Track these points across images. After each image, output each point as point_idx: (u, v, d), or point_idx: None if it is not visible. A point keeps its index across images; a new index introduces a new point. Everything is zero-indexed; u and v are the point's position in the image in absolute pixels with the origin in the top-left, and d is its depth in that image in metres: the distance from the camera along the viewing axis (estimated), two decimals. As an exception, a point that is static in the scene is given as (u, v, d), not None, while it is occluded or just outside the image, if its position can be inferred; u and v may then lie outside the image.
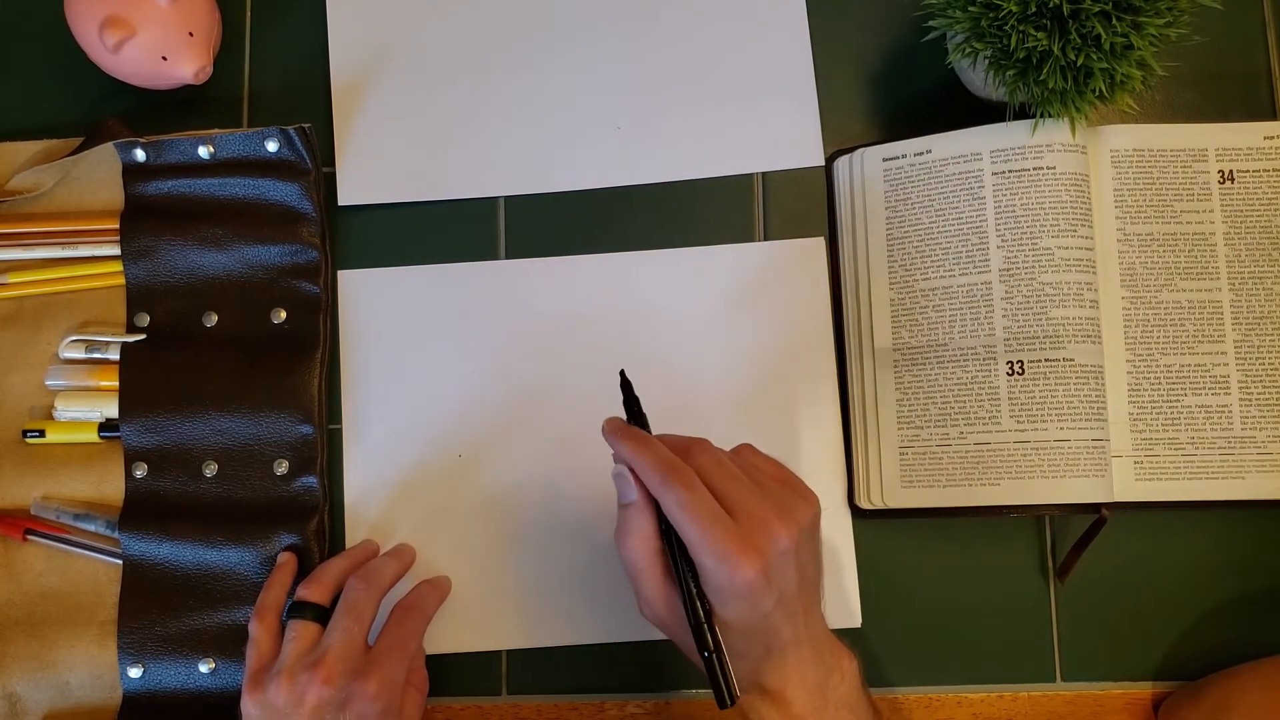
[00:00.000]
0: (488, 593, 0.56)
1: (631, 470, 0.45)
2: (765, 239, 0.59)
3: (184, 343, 0.57)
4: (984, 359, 0.54)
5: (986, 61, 0.52)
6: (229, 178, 0.57)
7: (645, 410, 0.48)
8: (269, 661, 0.49)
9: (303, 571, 0.54)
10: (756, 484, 0.45)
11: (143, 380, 0.56)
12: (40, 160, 0.58)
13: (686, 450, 0.45)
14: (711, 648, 0.42)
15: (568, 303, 0.58)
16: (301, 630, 0.49)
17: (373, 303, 0.58)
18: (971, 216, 0.55)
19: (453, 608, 0.56)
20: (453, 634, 0.56)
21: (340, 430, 0.57)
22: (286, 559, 0.54)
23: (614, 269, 0.58)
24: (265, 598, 0.52)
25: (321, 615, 0.50)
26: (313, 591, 0.51)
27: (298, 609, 0.50)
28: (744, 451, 0.48)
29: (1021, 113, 0.54)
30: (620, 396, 0.48)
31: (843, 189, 0.58)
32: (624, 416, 0.47)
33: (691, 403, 0.57)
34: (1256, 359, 0.55)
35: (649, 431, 0.47)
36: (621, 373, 0.48)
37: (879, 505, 0.55)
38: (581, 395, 0.57)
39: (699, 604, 0.43)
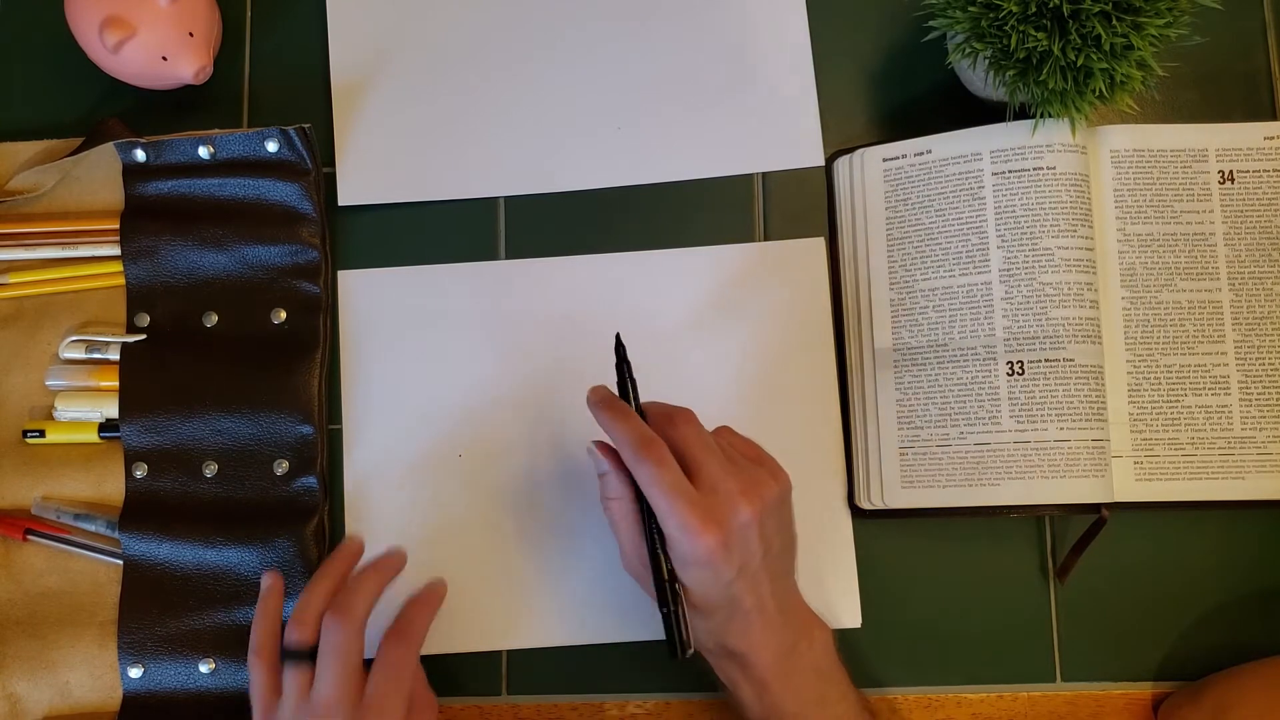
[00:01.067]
0: (488, 593, 0.56)
1: (605, 446, 0.49)
2: (765, 239, 0.59)
3: (184, 343, 0.57)
4: (984, 359, 0.54)
5: (986, 62, 0.52)
6: (229, 178, 0.57)
7: (637, 377, 0.50)
8: (273, 708, 0.48)
9: (299, 577, 0.54)
10: (729, 459, 0.47)
11: (143, 380, 0.56)
12: (40, 160, 0.58)
13: (670, 418, 0.48)
14: (670, 605, 0.46)
15: (568, 303, 0.58)
16: (297, 679, 0.48)
17: (373, 303, 0.58)
18: (971, 217, 0.55)
19: (453, 608, 0.55)
20: (453, 634, 0.56)
21: (340, 430, 0.57)
22: (270, 585, 0.51)
23: (614, 269, 0.58)
24: (258, 633, 0.50)
25: (314, 655, 0.48)
26: (300, 634, 0.49)
27: (289, 655, 0.48)
28: (722, 432, 0.50)
29: (1021, 113, 0.54)
30: (613, 360, 0.50)
31: (843, 189, 0.58)
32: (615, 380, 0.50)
33: (691, 403, 0.56)
34: (1256, 359, 0.55)
35: (637, 396, 0.49)
36: (617, 336, 0.50)
37: (879, 505, 0.55)
38: (582, 395, 0.57)
39: (662, 564, 0.46)
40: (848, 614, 0.56)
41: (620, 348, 0.50)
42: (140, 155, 0.58)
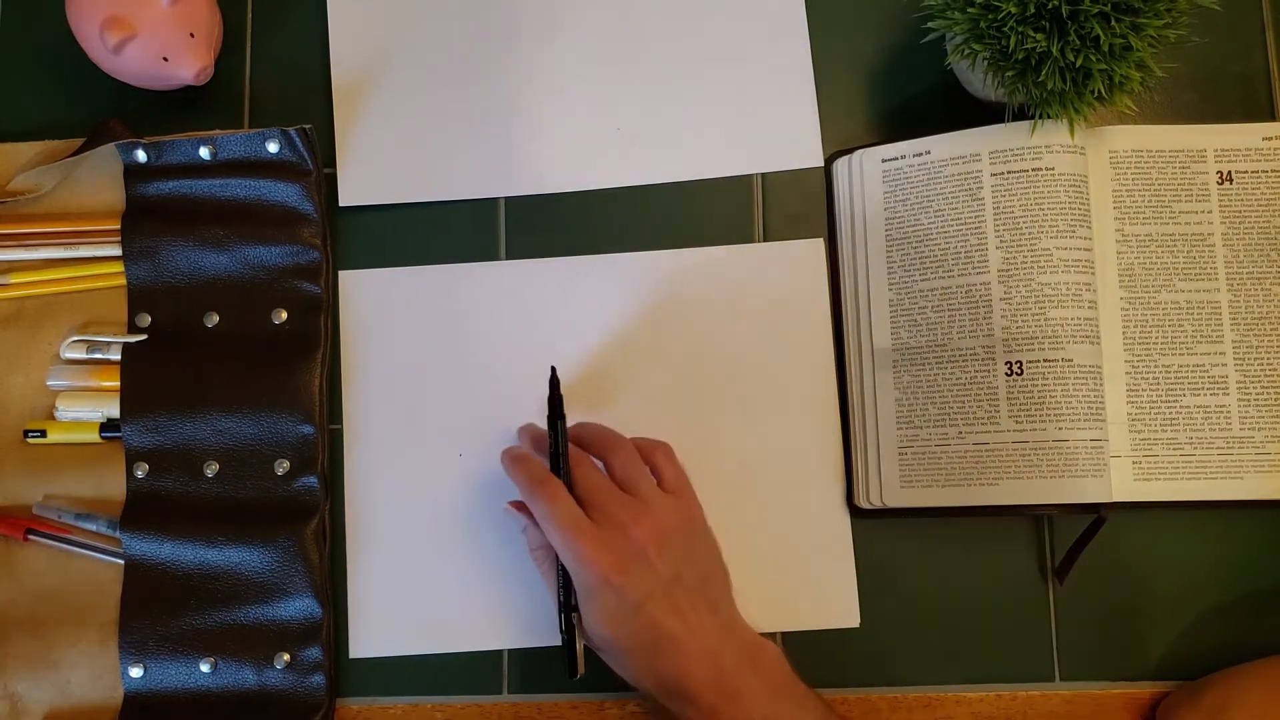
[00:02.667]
0: (488, 593, 0.56)
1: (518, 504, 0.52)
2: (765, 240, 0.59)
3: (185, 343, 0.57)
4: (983, 359, 0.54)
5: (985, 63, 0.52)
6: (230, 178, 0.58)
7: (566, 410, 0.52)
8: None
9: (299, 577, 0.54)
10: (629, 485, 0.49)
11: (144, 380, 0.56)
12: (42, 161, 0.58)
13: (603, 442, 0.51)
14: (563, 630, 0.49)
15: (567, 303, 0.58)
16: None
17: (373, 303, 0.59)
18: (970, 217, 0.55)
19: (453, 607, 0.56)
20: (453, 634, 0.56)
21: (341, 430, 0.57)
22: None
23: (614, 269, 0.58)
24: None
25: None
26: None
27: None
28: (658, 450, 0.52)
29: (1020, 114, 0.54)
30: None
31: (842, 190, 0.58)
32: (550, 409, 0.52)
33: (690, 403, 0.57)
34: (1255, 359, 0.55)
35: (564, 431, 0.51)
36: (552, 369, 0.53)
37: (878, 505, 0.55)
38: (581, 395, 0.57)
39: (559, 594, 0.50)
40: (847, 613, 0.56)
41: (554, 382, 0.52)
42: (141, 156, 0.58)
